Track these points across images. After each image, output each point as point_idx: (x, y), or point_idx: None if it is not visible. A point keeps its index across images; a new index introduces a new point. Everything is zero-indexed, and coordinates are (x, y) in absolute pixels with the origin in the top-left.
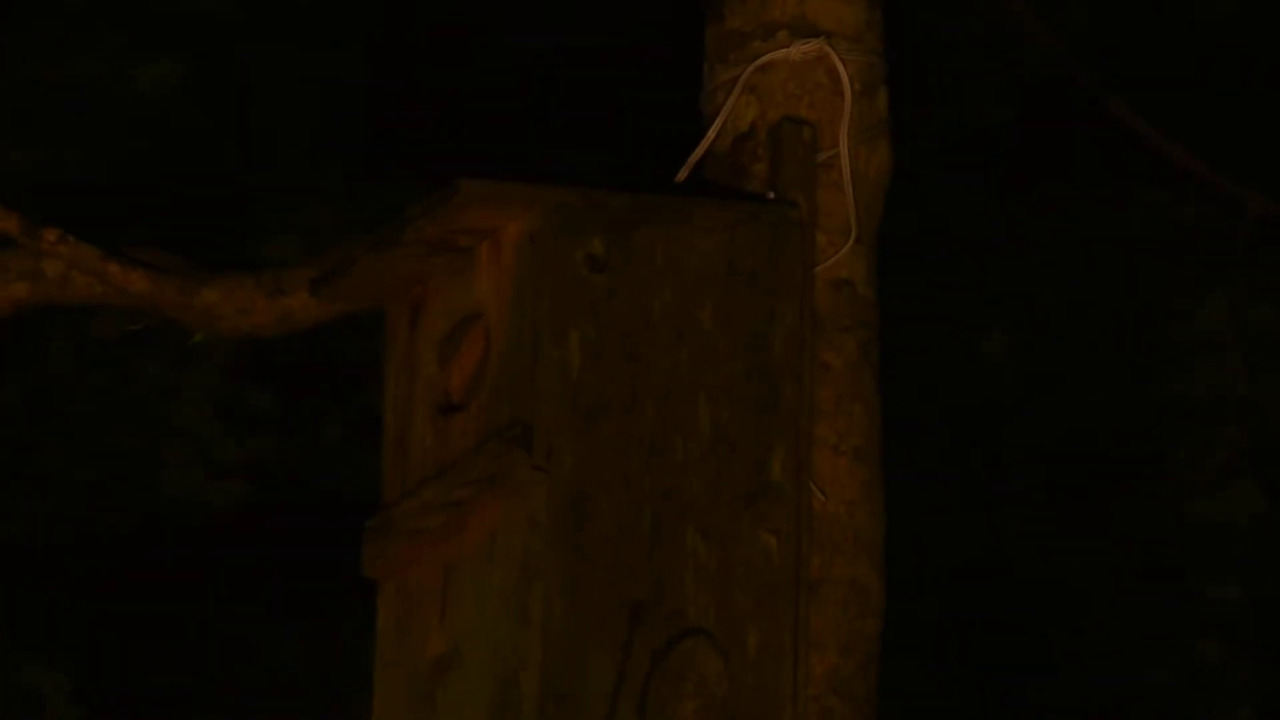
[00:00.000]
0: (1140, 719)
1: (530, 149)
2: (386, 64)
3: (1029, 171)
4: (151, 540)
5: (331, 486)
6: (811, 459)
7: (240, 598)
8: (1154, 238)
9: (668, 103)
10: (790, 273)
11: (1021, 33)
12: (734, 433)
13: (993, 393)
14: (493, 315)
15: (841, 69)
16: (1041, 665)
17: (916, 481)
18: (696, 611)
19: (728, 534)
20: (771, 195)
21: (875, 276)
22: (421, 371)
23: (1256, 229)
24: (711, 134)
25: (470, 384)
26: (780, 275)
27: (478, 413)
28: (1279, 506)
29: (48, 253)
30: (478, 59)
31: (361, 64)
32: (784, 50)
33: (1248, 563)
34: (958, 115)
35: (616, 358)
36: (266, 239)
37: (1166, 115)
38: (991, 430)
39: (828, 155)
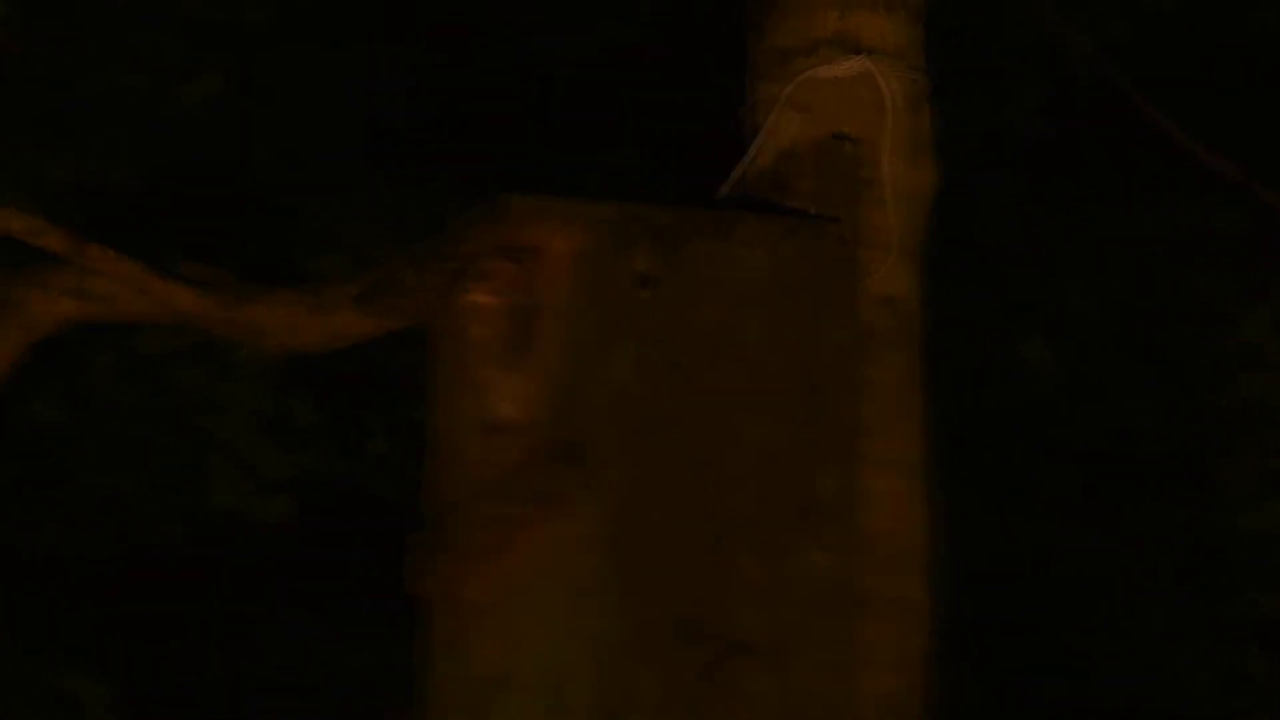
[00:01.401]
0: None
1: (574, 163)
2: (434, 79)
3: (1072, 181)
4: (196, 553)
5: (377, 498)
6: (861, 475)
7: (285, 610)
8: (1196, 246)
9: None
10: (836, 288)
11: (1062, 45)
12: (782, 449)
13: (1034, 399)
14: (541, 331)
15: (884, 85)
16: (1081, 670)
17: (958, 488)
18: (746, 628)
19: (778, 550)
20: (816, 211)
21: (920, 290)
22: (469, 386)
23: None
24: (755, 149)
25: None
26: (826, 291)
27: (528, 429)
28: None
29: (93, 270)
30: (523, 74)
31: (409, 78)
32: (827, 67)
33: None
34: (1000, 125)
35: (665, 374)
36: (314, 253)
37: (1206, 125)
38: (1033, 437)
39: (870, 172)
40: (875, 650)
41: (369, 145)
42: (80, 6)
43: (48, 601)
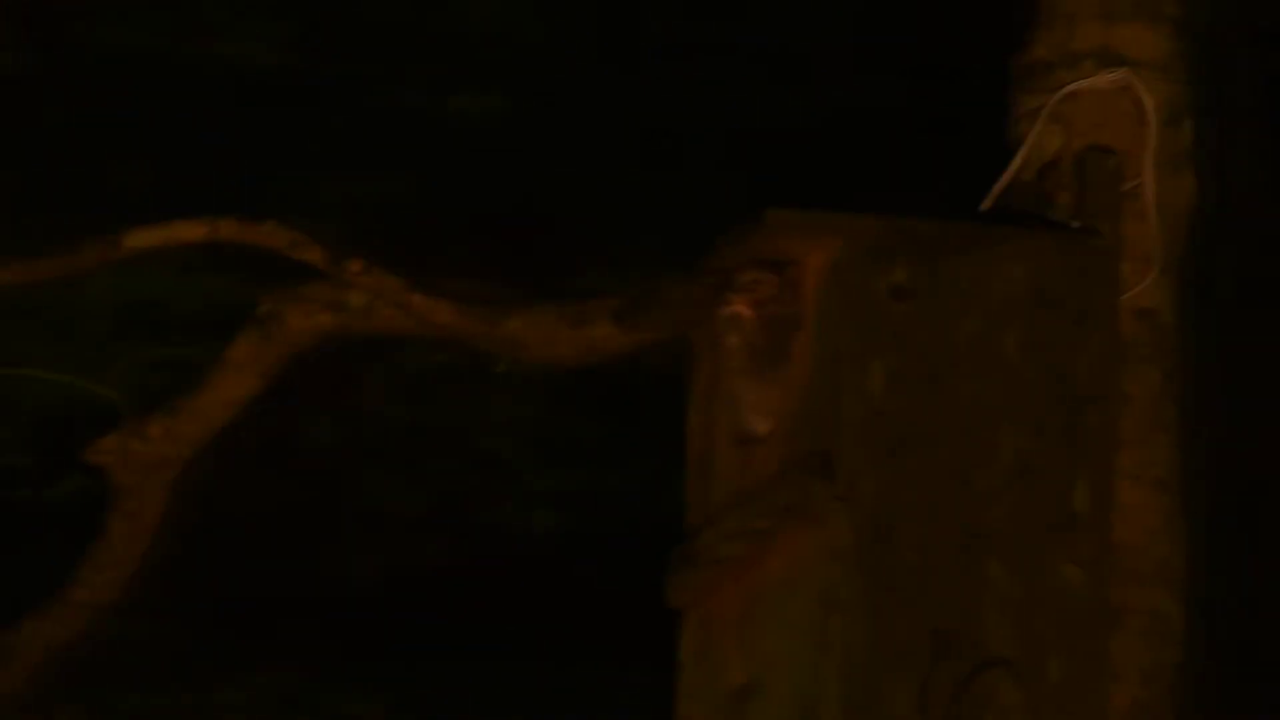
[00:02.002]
0: None
1: (839, 181)
2: (708, 96)
3: None
4: (467, 570)
5: (648, 514)
6: (1114, 489)
7: (554, 625)
8: None
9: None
10: (1096, 302)
11: None
12: (1037, 462)
13: None
14: (796, 344)
15: (1146, 99)
16: None
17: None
18: (999, 642)
19: (1030, 564)
20: (1076, 224)
21: (1181, 305)
22: (723, 398)
23: None
24: (1017, 162)
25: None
26: (1086, 304)
27: (780, 441)
28: None
29: (352, 284)
30: (793, 92)
31: (683, 96)
32: (1089, 80)
33: None
34: None
35: (919, 387)
36: (582, 270)
37: None
38: None
39: (1132, 184)
40: (1125, 662)
41: (647, 165)
42: (357, 23)
43: (324, 621)
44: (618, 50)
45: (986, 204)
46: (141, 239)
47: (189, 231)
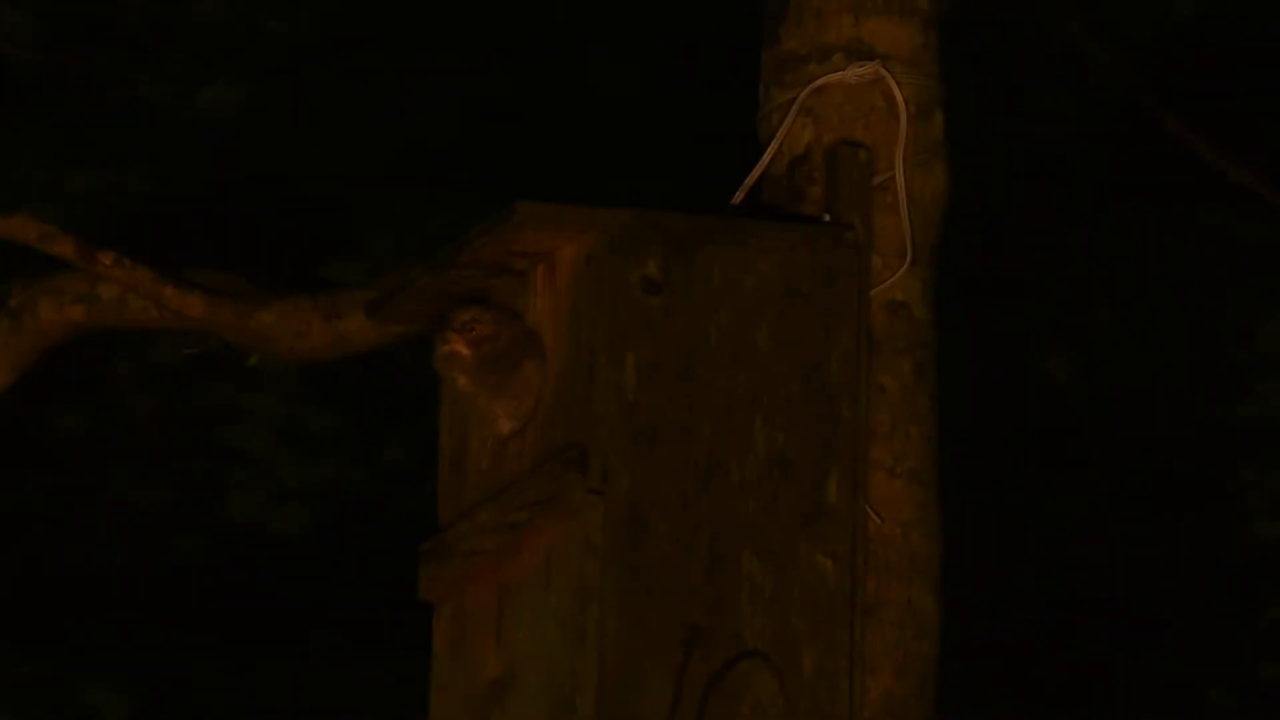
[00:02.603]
0: None
1: (591, 172)
2: (453, 87)
3: (1093, 193)
4: (215, 564)
5: (394, 509)
6: (867, 481)
7: (302, 621)
8: (1217, 259)
9: (723, 125)
10: (846, 295)
11: (1084, 55)
12: (791, 455)
13: (1056, 414)
14: (549, 338)
15: (897, 92)
16: (1106, 687)
17: (979, 503)
18: (752, 634)
19: (784, 556)
20: (827, 217)
21: (932, 298)
22: (472, 411)
23: None
24: (767, 156)
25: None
26: (836, 297)
27: (534, 435)
28: None
29: (104, 276)
30: (539, 83)
31: (428, 87)
32: (839, 73)
33: None
34: (1021, 137)
35: (673, 380)
36: (330, 262)
37: (1229, 136)
38: (1055, 451)
39: (883, 178)
40: (879, 655)
41: (393, 157)
42: (100, 17)
43: (69, 613)
44: (363, 42)
45: (738, 197)
46: None
47: None
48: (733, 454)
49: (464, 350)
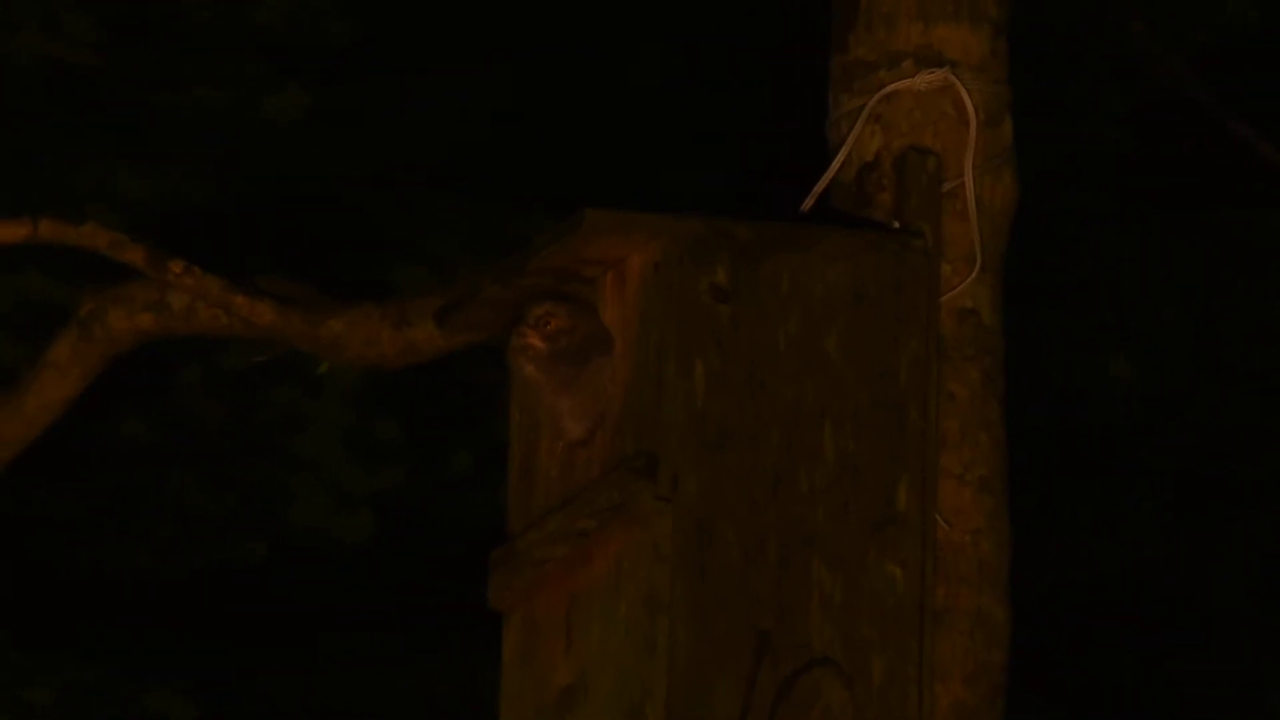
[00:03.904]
0: None
1: (658, 175)
2: (516, 91)
3: (1155, 195)
4: (280, 570)
5: (461, 516)
6: (937, 488)
7: (367, 628)
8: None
9: (794, 131)
10: (916, 302)
11: (1145, 56)
12: (860, 462)
13: (1120, 416)
14: (618, 345)
15: (966, 98)
16: (1164, 689)
17: (1043, 506)
18: (822, 641)
19: (853, 563)
20: (897, 224)
21: (1000, 305)
22: (543, 410)
23: None
24: (837, 163)
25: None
26: (905, 304)
27: (603, 443)
28: None
29: (173, 284)
30: (606, 86)
31: (490, 92)
32: (909, 80)
33: None
34: (1083, 139)
35: (742, 387)
36: (394, 266)
37: None
38: (1118, 455)
39: (952, 185)
40: (949, 662)
41: (455, 161)
42: (164, 24)
43: (134, 618)
44: (417, 45)
45: (807, 204)
46: None
47: (8, 232)
48: (801, 462)
49: (538, 343)
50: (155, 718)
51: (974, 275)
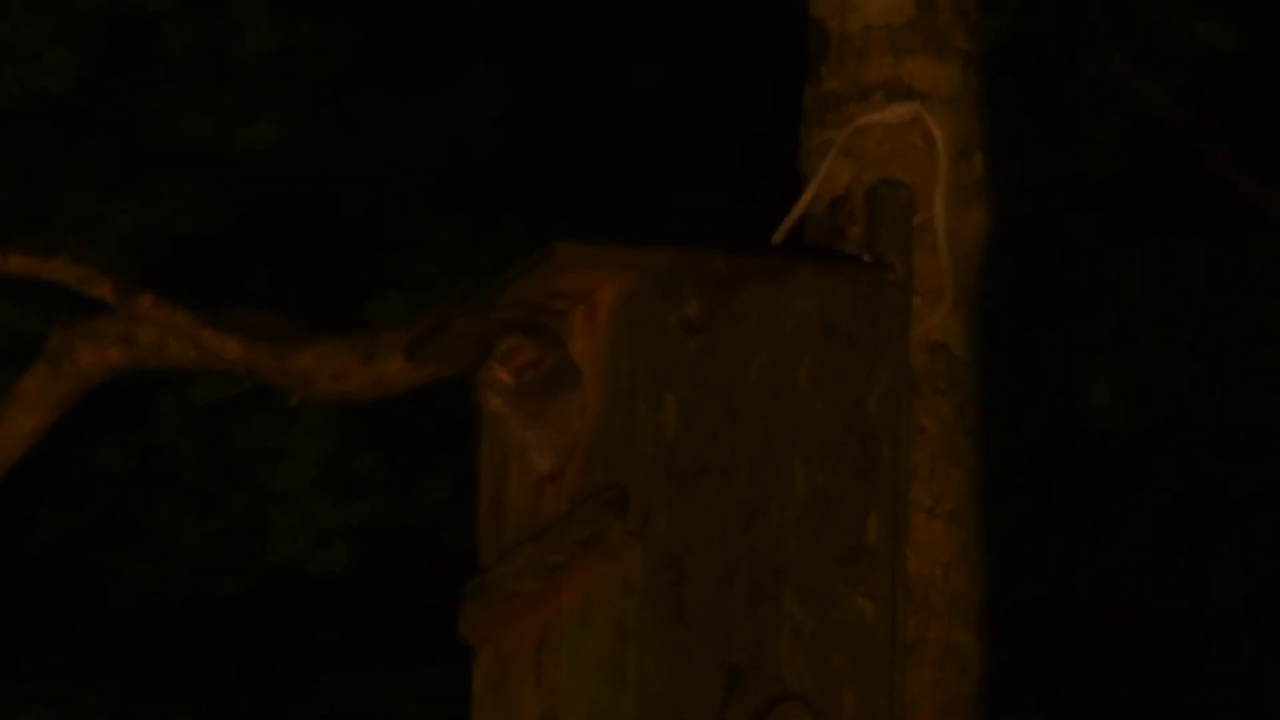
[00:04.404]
0: None
1: (634, 206)
2: (503, 118)
3: (1140, 220)
4: (258, 601)
5: (438, 546)
6: (908, 521)
7: (345, 660)
8: (1262, 285)
9: (765, 164)
10: (887, 335)
11: (1128, 88)
12: (830, 495)
13: (1107, 438)
14: (588, 378)
15: (936, 132)
16: (1156, 709)
17: (1032, 529)
18: (793, 675)
19: (824, 597)
20: (868, 257)
21: (972, 338)
22: (511, 444)
23: None
24: (808, 196)
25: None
26: (877, 337)
27: (573, 475)
28: None
29: (143, 318)
30: (581, 116)
31: (474, 120)
32: (879, 113)
33: None
34: (1067, 166)
35: (712, 420)
36: (377, 294)
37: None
38: (1106, 476)
39: (923, 218)
40: (920, 695)
41: (440, 189)
42: (143, 54)
43: (111, 650)
44: (398, 72)
45: (778, 237)
46: None
47: None
48: (772, 494)
49: (505, 377)
50: None
51: (945, 308)
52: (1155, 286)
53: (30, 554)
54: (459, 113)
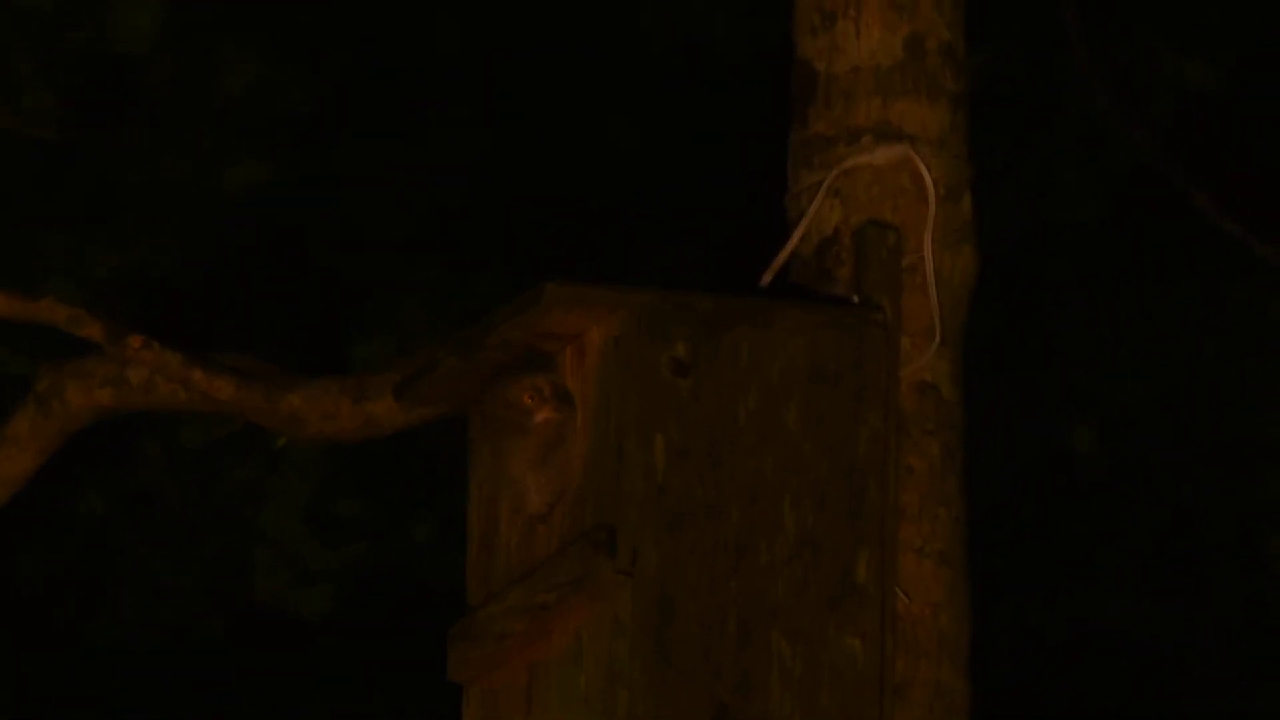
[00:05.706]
0: None
1: (620, 247)
2: (486, 167)
3: (1119, 266)
4: (243, 643)
5: (423, 587)
6: (897, 562)
7: (328, 701)
8: (1243, 331)
9: (753, 206)
10: (875, 376)
11: (1110, 129)
12: (819, 536)
13: (1086, 483)
14: (578, 419)
15: (925, 173)
16: None
17: (1011, 574)
18: (782, 714)
19: (813, 637)
20: (856, 299)
21: (960, 379)
22: (506, 480)
23: None
24: (796, 237)
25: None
26: (865, 378)
27: (562, 516)
28: None
29: (132, 359)
30: (567, 158)
31: (455, 163)
32: (868, 155)
33: None
34: (1047, 210)
35: (701, 461)
36: (360, 338)
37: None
38: (1085, 522)
39: (912, 259)
40: None
41: (421, 231)
42: (124, 97)
43: (95, 689)
44: (381, 116)
45: (766, 278)
46: None
47: None
48: (761, 535)
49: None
50: None
51: (933, 349)
52: (1135, 331)
53: (13, 594)
54: (439, 156)
